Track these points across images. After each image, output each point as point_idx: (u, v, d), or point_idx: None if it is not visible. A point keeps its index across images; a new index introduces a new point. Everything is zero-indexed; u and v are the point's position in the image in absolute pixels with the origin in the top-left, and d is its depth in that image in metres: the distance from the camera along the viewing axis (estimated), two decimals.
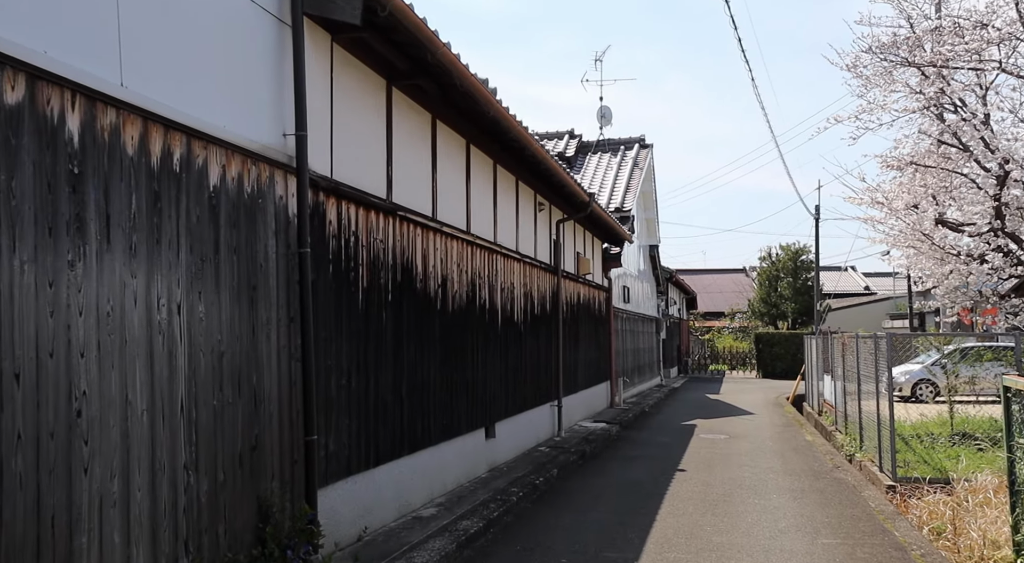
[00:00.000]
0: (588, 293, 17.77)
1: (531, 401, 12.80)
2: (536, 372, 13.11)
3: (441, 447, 8.95)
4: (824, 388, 19.03)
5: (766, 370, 37.43)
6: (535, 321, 13.08)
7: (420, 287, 8.42)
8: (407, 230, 8.13)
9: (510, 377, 11.61)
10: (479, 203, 10.60)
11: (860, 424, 13.33)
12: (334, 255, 6.61)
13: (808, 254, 40.47)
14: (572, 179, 13.09)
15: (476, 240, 10.18)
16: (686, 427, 17.49)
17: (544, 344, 13.64)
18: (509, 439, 11.53)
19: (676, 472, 11.74)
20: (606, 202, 22.05)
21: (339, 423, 6.59)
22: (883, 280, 59.52)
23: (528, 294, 12.72)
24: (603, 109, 25.97)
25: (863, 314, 45.50)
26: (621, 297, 22.66)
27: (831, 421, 17.20)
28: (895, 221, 16.19)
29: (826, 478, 11.44)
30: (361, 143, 7.24)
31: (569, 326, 15.62)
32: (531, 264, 12.94)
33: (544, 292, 13.74)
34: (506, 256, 11.57)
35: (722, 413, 20.83)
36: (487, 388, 10.58)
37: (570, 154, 24.86)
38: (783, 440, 15.75)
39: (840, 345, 16.14)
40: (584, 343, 17.19)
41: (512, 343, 11.76)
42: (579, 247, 17.11)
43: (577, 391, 16.40)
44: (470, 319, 9.98)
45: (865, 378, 12.99)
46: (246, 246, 5.36)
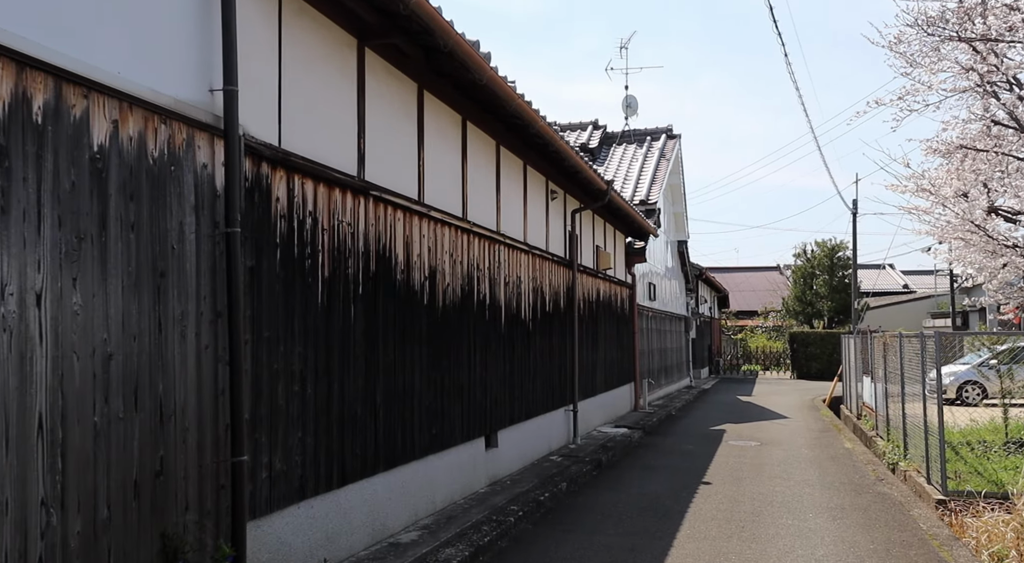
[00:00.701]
0: (609, 289, 16.62)
1: (542, 406, 11.70)
2: (548, 374, 12.01)
3: (429, 461, 7.88)
4: (863, 390, 17.85)
5: (801, 371, 35.96)
6: (546, 319, 11.97)
7: (402, 279, 7.36)
8: (384, 213, 7.07)
9: (516, 380, 10.52)
10: (478, 188, 9.52)
11: (904, 430, 12.16)
12: (284, 239, 5.56)
13: (845, 250, 38.87)
14: (587, 164, 11.96)
15: (473, 228, 9.10)
16: (714, 433, 16.28)
17: (557, 344, 12.54)
18: (514, 449, 10.44)
19: (700, 485, 10.57)
20: (630, 195, 20.88)
21: (289, 438, 5.54)
22: (923, 278, 57.65)
23: (538, 289, 11.62)
24: (628, 98, 24.77)
25: (902, 313, 43.85)
26: (646, 294, 21.47)
27: (871, 426, 16.00)
28: (942, 211, 14.95)
29: (868, 493, 10.22)
30: (322, 110, 6.18)
31: (587, 324, 14.49)
32: (542, 256, 11.84)
33: (557, 287, 12.64)
34: (511, 247, 10.49)
35: (754, 417, 19.58)
36: (487, 392, 9.51)
37: (593, 145, 23.70)
38: (820, 447, 14.50)
39: (881, 345, 14.95)
40: (605, 343, 16.05)
41: (518, 343, 10.67)
42: (598, 240, 15.97)
43: (596, 394, 15.26)
44: (466, 316, 8.90)
45: (909, 380, 11.89)
46: (150, 223, 4.31)
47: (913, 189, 14.87)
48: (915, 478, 10.47)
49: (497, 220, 10.09)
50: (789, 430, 17.00)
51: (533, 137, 10.08)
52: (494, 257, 9.82)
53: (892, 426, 13.40)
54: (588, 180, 12.54)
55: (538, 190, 11.95)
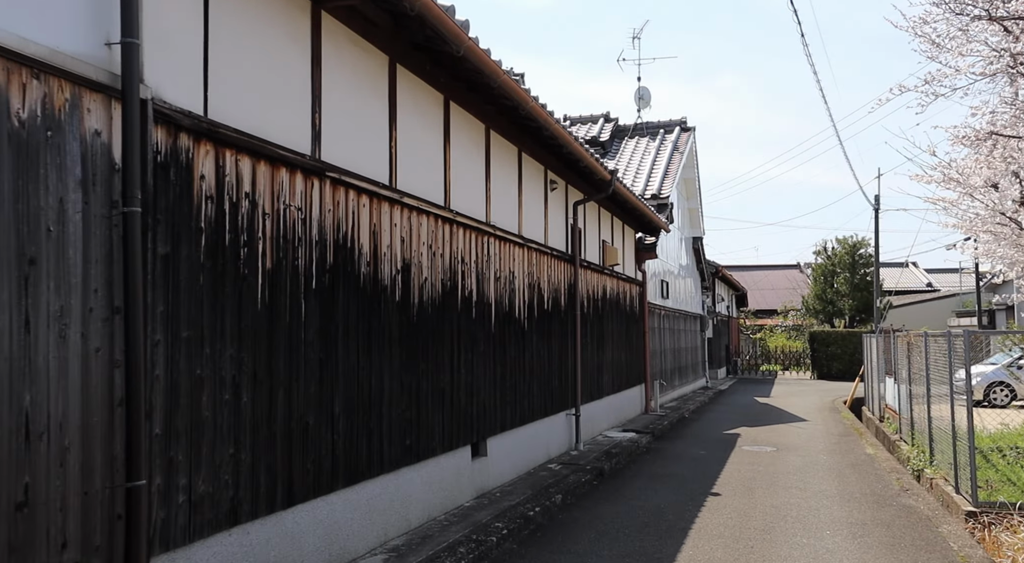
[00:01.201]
0: (617, 287, 15.77)
1: (539, 411, 10.88)
2: (546, 377, 11.18)
3: (402, 474, 7.08)
4: (886, 392, 16.94)
5: (821, 371, 34.89)
6: (545, 317, 11.15)
7: (367, 273, 6.56)
8: (346, 198, 6.27)
9: (508, 383, 9.71)
10: (464, 175, 8.72)
11: (929, 435, 11.31)
12: (211, 224, 4.77)
13: (867, 247, 37.70)
14: (588, 152, 11.12)
15: (457, 218, 8.29)
16: (728, 437, 15.39)
17: (558, 344, 11.71)
18: (506, 457, 9.62)
19: (708, 497, 9.71)
20: (642, 189, 20.02)
21: (217, 455, 4.76)
22: (947, 276, 56.33)
23: (535, 285, 10.80)
24: (641, 90, 23.88)
25: (926, 312, 42.69)
26: (659, 292, 20.58)
27: (894, 429, 15.10)
28: (970, 203, 14.03)
29: (892, 506, 9.33)
30: (265, 78, 5.39)
31: (591, 324, 13.65)
32: (540, 251, 11.01)
33: (558, 284, 11.81)
34: (503, 240, 9.67)
35: (771, 420, 18.65)
36: (474, 398, 8.70)
37: (604, 138, 22.84)
38: (840, 453, 13.58)
39: (905, 344, 14.04)
40: (612, 342, 15.19)
41: (512, 343, 9.85)
42: (605, 235, 15.12)
43: (602, 397, 14.42)
44: (449, 314, 8.10)
45: (935, 381, 11.06)
46: (14, 200, 3.54)
47: (940, 179, 13.95)
48: (942, 487, 9.63)
49: (487, 210, 9.28)
50: (807, 434, 16.08)
51: (525, 120, 9.26)
52: (482, 250, 9.01)
53: (917, 430, 12.57)
54: (590, 169, 11.70)
55: (535, 180, 11.13)
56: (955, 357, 9.83)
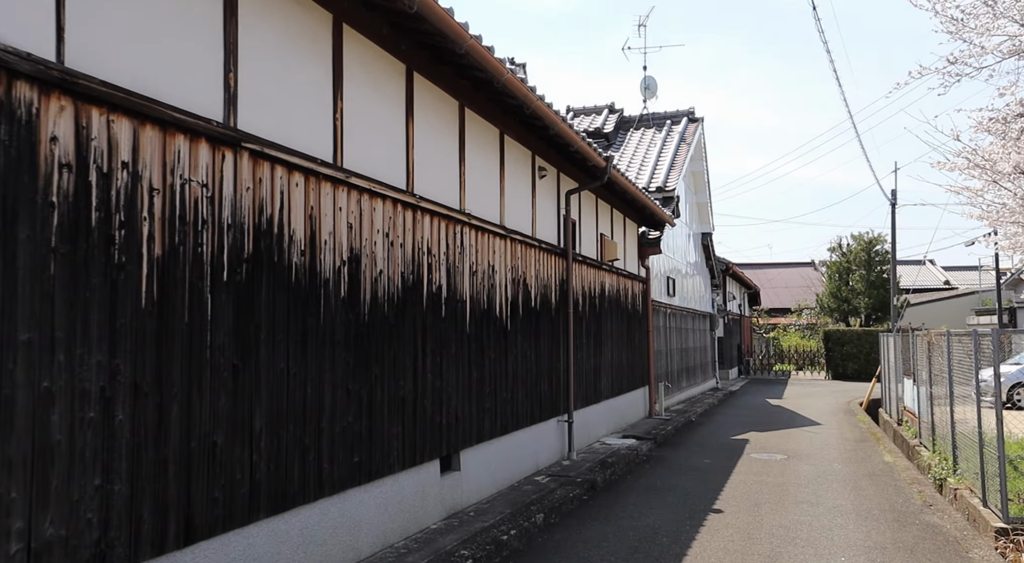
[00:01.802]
0: (617, 283, 14.73)
1: (525, 418, 9.87)
2: (534, 381, 10.17)
3: (349, 496, 6.09)
4: (904, 393, 15.89)
5: (836, 371, 33.67)
6: (532, 316, 10.14)
7: (302, 264, 5.58)
8: (271, 174, 5.29)
9: (486, 389, 8.71)
10: (432, 156, 7.72)
11: (953, 441, 10.30)
12: (69, 199, 3.80)
13: (883, 244, 36.41)
14: (579, 135, 10.10)
15: (421, 203, 7.29)
16: (736, 443, 14.33)
17: (547, 345, 10.70)
18: (484, 471, 8.62)
19: (709, 514, 8.68)
20: (647, 181, 18.96)
21: (76, 488, 3.77)
22: (964, 274, 54.98)
23: (520, 281, 9.79)
24: (647, 80, 22.81)
25: (944, 310, 41.45)
26: (665, 289, 19.52)
27: (913, 433, 14.08)
28: (996, 193, 12.95)
29: (915, 525, 8.28)
30: (153, 25, 4.40)
31: (587, 323, 12.63)
32: (526, 243, 10.01)
33: (547, 280, 10.80)
34: (481, 230, 8.67)
35: (782, 423, 17.56)
36: (444, 406, 7.70)
37: (608, 129, 21.79)
38: (856, 461, 12.51)
39: (925, 344, 12.98)
40: (611, 343, 14.16)
41: (492, 345, 8.86)
42: (603, 228, 14.08)
43: (600, 401, 13.39)
44: (412, 313, 7.11)
45: (958, 383, 10.00)
46: None
47: (964, 166, 12.86)
48: (968, 499, 8.67)
49: (460, 197, 8.28)
50: (821, 440, 15.00)
51: (502, 96, 8.26)
52: (455, 241, 8.01)
53: (938, 435, 11.53)
54: (582, 155, 10.68)
55: (521, 166, 10.12)
56: (981, 357, 8.93)
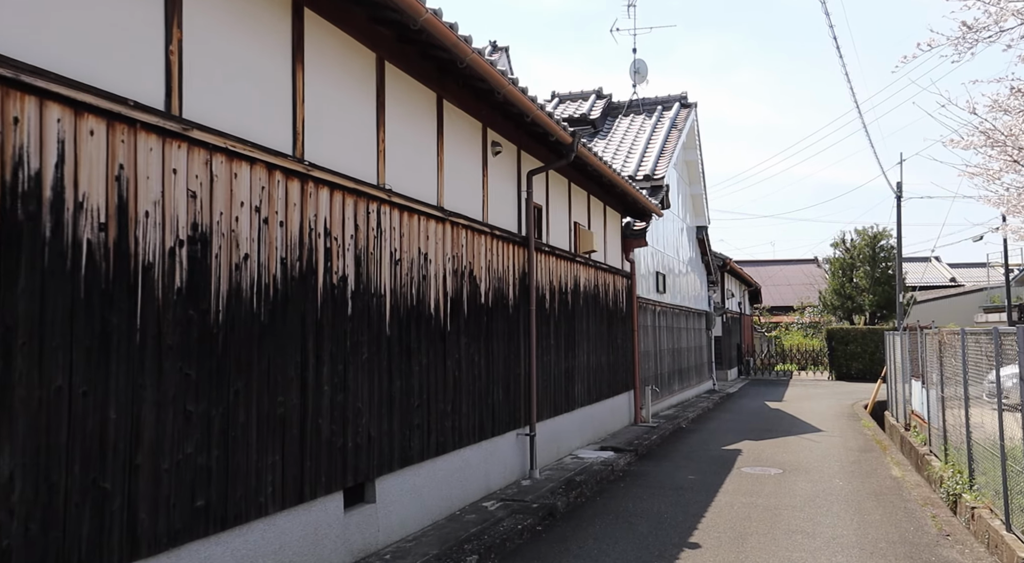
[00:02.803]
0: (595, 278, 13.19)
1: (471, 433, 8.35)
2: (483, 389, 8.65)
3: (188, 553, 4.57)
4: (912, 396, 14.38)
5: (840, 371, 32.02)
6: (481, 314, 8.62)
7: (99, 241, 4.05)
8: (38, 115, 3.78)
9: (414, 402, 7.18)
10: (335, 115, 6.19)
11: (968, 451, 8.88)
12: None
13: (888, 238, 34.70)
14: (538, 106, 8.57)
15: (313, 172, 5.75)
16: (726, 455, 12.78)
17: (502, 348, 9.17)
18: (410, 501, 7.08)
19: (683, 550, 7.13)
20: (634, 169, 17.41)
21: None
22: (971, 271, 53.27)
23: (465, 273, 8.27)
24: (636, 63, 21.24)
25: (950, 307, 39.79)
26: (654, 286, 17.97)
27: (922, 439, 12.55)
28: (1016, 174, 11.42)
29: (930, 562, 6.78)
30: None
31: (557, 322, 11.10)
32: (473, 229, 8.49)
33: (503, 272, 9.28)
34: (408, 210, 7.14)
35: (781, 430, 16.00)
36: (352, 424, 6.17)
37: (595, 116, 20.24)
38: (859, 476, 10.95)
39: (936, 343, 11.46)
40: (589, 344, 12.63)
41: (423, 349, 7.33)
42: (578, 216, 12.54)
43: (574, 409, 11.86)
44: (297, 309, 5.58)
45: (975, 386, 8.66)
46: None
47: (980, 143, 11.28)
48: (987, 521, 7.33)
49: (378, 169, 6.75)
50: (821, 449, 13.43)
51: (430, 47, 6.73)
52: (368, 222, 6.49)
53: (951, 444, 10.09)
54: (543, 128, 9.14)
55: (467, 138, 8.59)
56: (1000, 357, 7.68)
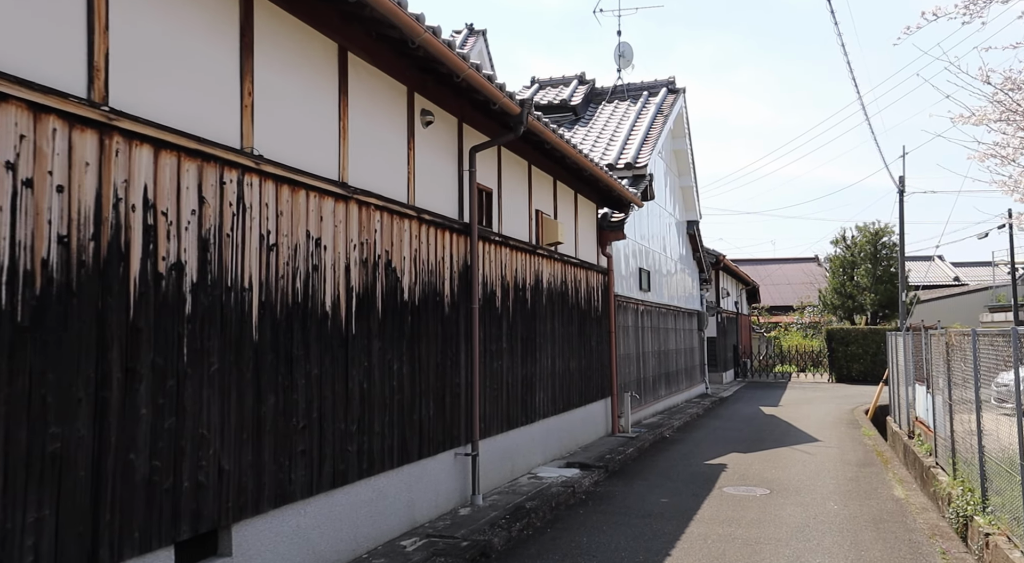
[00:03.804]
0: (563, 274, 11.71)
1: (387, 456, 6.86)
2: (405, 403, 7.16)
3: None
4: (916, 402, 12.89)
5: (840, 373, 30.45)
6: (403, 314, 7.15)
7: None
8: None
9: (298, 423, 5.69)
10: (163, 49, 4.73)
11: (981, 467, 7.60)
12: None
13: (890, 235, 33.12)
14: (471, 65, 7.10)
15: (117, 122, 4.25)
16: (709, 471, 11.28)
17: (433, 353, 7.70)
18: (292, 548, 5.58)
19: None
20: (615, 157, 15.93)
21: None
22: (975, 270, 51.70)
23: (378, 264, 6.79)
24: (621, 47, 19.76)
25: (954, 307, 38.26)
26: (636, 283, 16.48)
27: (927, 449, 11.18)
28: None
29: None
30: None
31: (511, 322, 9.63)
32: (389, 210, 7.01)
33: (436, 264, 7.81)
34: (288, 183, 5.66)
35: (773, 440, 14.50)
36: (191, 457, 4.69)
37: (576, 102, 18.76)
38: (858, 497, 9.47)
39: (943, 345, 10.04)
40: (554, 347, 11.16)
41: (312, 357, 5.85)
42: (541, 203, 11.06)
43: (535, 420, 10.38)
44: (87, 308, 4.11)
45: (987, 389, 7.72)
46: None
47: (994, 115, 9.79)
48: (1004, 551, 6.08)
49: (243, 129, 5.28)
50: (816, 463, 11.94)
51: None
52: (222, 194, 5.01)
53: (960, 457, 8.81)
54: (483, 94, 7.65)
55: (386, 103, 7.12)
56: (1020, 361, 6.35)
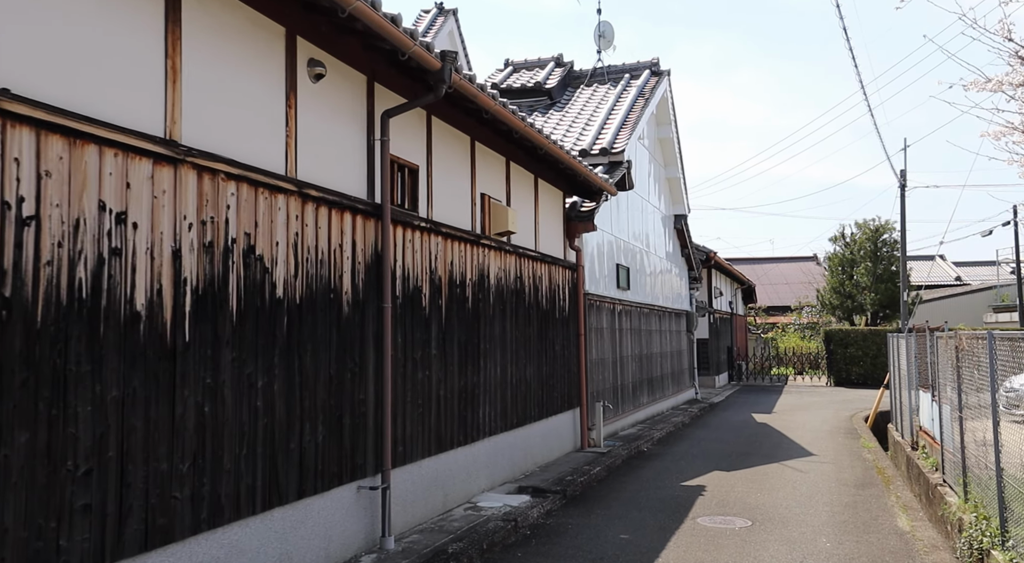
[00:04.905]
0: (516, 268, 10.16)
1: (250, 500, 5.29)
2: (280, 428, 5.59)
3: None
4: (921, 410, 11.39)
5: (839, 376, 28.83)
6: (275, 315, 5.59)
7: None
8: None
9: (73, 467, 4.13)
10: None
11: (999, 492, 6.38)
12: None
13: (891, 232, 31.46)
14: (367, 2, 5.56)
15: None
16: (684, 495, 9.71)
17: (325, 364, 6.14)
18: None
19: None
20: (589, 142, 14.37)
21: None
22: (977, 269, 50.07)
23: (230, 251, 5.25)
24: (601, 26, 18.18)
25: (958, 307, 36.66)
26: (614, 281, 14.91)
27: (933, 463, 9.74)
28: None
29: None
30: None
31: (443, 324, 8.07)
32: (252, 181, 5.47)
33: (328, 253, 6.25)
34: (59, 133, 4.13)
35: (763, 453, 12.93)
36: None
37: (551, 85, 17.20)
38: (855, 532, 7.91)
39: (952, 349, 8.58)
40: (505, 353, 9.60)
41: (102, 374, 4.28)
42: (488, 187, 9.50)
43: (479, 439, 8.82)
44: None
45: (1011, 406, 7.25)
46: None
47: (1017, 78, 8.25)
48: None
49: None
50: (808, 484, 10.37)
51: None
52: None
53: (973, 476, 7.47)
54: (391, 41, 6.11)
55: (249, 46, 5.55)
56: None
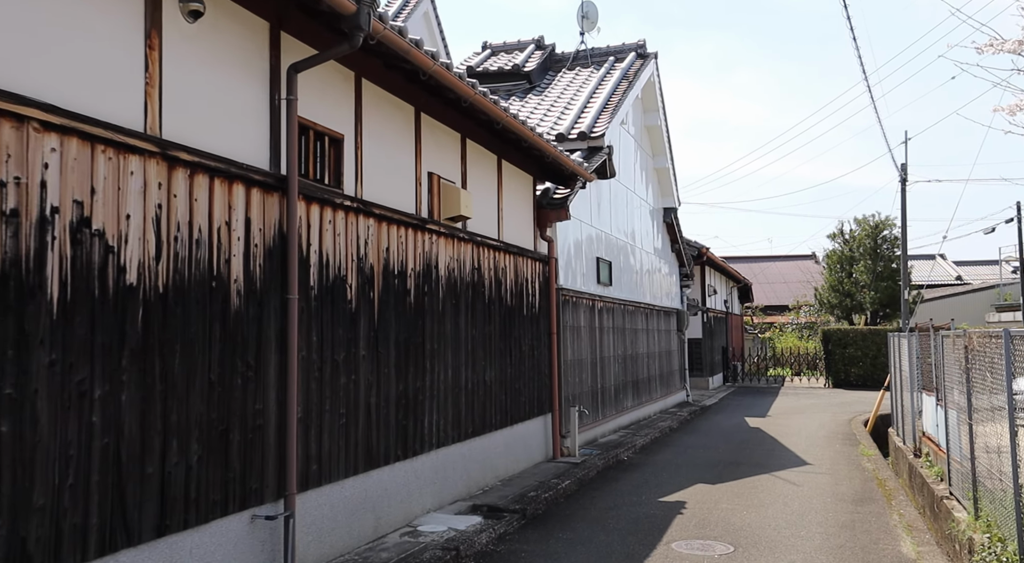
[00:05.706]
0: (473, 258, 9.02)
1: (81, 544, 4.18)
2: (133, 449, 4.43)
3: None
4: (924, 414, 10.45)
5: (838, 377, 27.66)
6: (120, 311, 4.45)
7: None
8: None
9: None
10: None
11: (1018, 512, 5.52)
12: None
13: (892, 229, 30.31)
14: None
15: None
16: (661, 512, 8.56)
17: (204, 370, 4.99)
18: None
19: None
20: (567, 126, 13.24)
21: None
22: (978, 269, 48.94)
23: (38, 222, 4.10)
24: (585, 6, 17.02)
25: (959, 306, 35.50)
26: (594, 275, 13.77)
27: (937, 472, 8.89)
28: None
29: None
30: None
31: (377, 321, 6.94)
32: (84, 135, 4.33)
33: (209, 233, 5.12)
34: None
35: (753, 462, 11.78)
36: None
37: (530, 68, 16.06)
38: (852, 557, 6.76)
39: (960, 349, 7.51)
40: (458, 354, 8.46)
41: None
42: (436, 165, 8.34)
43: (418, 454, 7.66)
44: None
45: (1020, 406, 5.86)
46: None
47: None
48: None
49: None
50: (802, 499, 9.22)
51: None
52: None
53: (985, 491, 6.55)
54: None
55: None
56: None
